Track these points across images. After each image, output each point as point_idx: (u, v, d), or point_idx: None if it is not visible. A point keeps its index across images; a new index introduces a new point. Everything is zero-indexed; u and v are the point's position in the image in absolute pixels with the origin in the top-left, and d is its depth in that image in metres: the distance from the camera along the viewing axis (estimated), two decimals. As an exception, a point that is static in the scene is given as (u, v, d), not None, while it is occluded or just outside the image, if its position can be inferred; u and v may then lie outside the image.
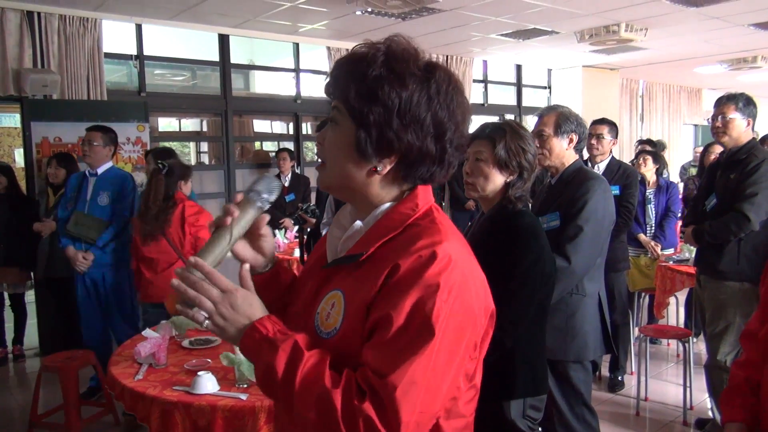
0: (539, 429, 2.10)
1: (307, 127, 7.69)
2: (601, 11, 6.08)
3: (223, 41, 6.69)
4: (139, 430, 3.57)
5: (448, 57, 8.22)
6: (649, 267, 4.71)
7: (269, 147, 8.38)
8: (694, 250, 3.68)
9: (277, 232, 5.57)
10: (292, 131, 7.67)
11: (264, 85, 8.07)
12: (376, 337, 0.96)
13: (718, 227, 3.11)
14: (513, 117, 9.35)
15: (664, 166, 5.63)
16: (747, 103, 3.13)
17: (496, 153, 2.02)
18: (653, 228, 4.81)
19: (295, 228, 5.58)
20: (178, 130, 8.74)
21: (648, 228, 4.81)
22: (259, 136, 8.75)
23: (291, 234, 5.79)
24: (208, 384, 2.19)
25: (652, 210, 4.82)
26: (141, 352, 2.47)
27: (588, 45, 7.31)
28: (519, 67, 9.52)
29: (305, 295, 1.13)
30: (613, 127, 4.05)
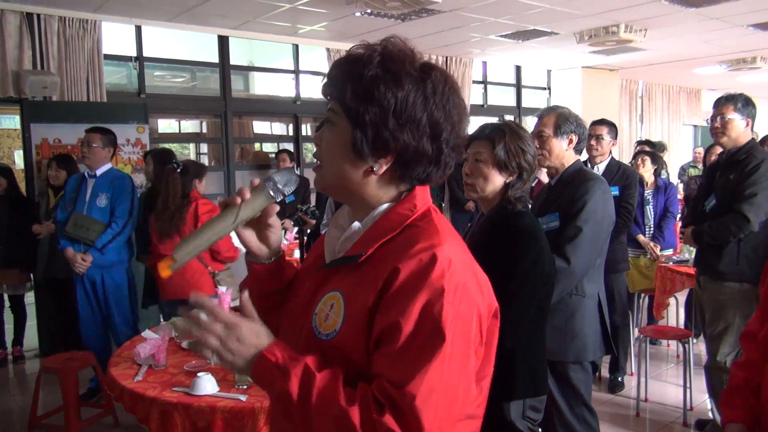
0: (539, 430, 2.10)
1: (306, 129, 7.69)
2: (600, 12, 6.08)
3: (223, 42, 6.70)
4: None
5: (447, 58, 8.21)
6: (648, 268, 4.70)
7: (269, 148, 8.37)
8: (694, 251, 3.68)
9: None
10: (291, 132, 7.67)
11: (263, 86, 8.07)
12: (387, 347, 0.95)
13: (718, 228, 3.10)
14: (512, 118, 9.35)
15: (662, 167, 5.62)
16: (746, 104, 3.12)
17: (495, 154, 2.02)
18: (652, 229, 4.80)
19: (295, 229, 5.58)
20: (178, 131, 8.72)
21: (647, 229, 4.80)
22: (258, 138, 8.75)
23: (291, 235, 5.79)
24: (207, 385, 2.19)
25: (650, 211, 4.81)
26: (140, 353, 2.47)
27: (587, 46, 7.31)
28: (518, 68, 9.53)
29: (302, 295, 1.13)
30: (612, 127, 4.04)
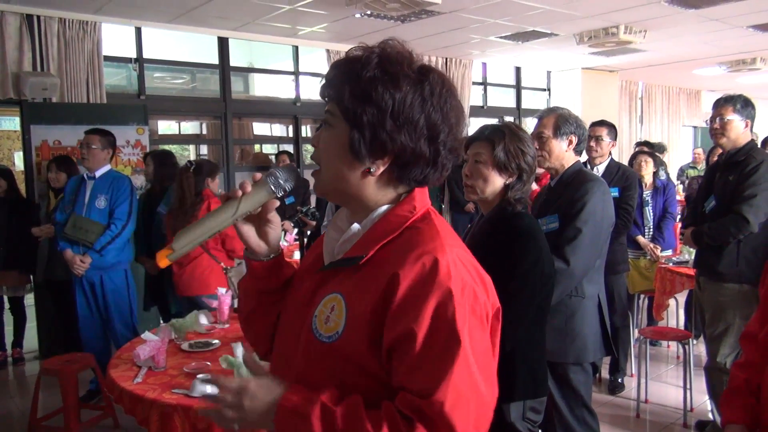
0: (539, 431, 2.10)
1: (306, 130, 7.69)
2: (600, 13, 6.08)
3: (223, 44, 6.70)
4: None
5: (447, 59, 8.21)
6: (648, 269, 4.70)
7: (269, 150, 8.38)
8: (694, 252, 3.67)
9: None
10: (291, 134, 7.67)
11: (263, 87, 8.07)
12: (404, 356, 0.94)
13: (717, 229, 3.10)
14: (512, 119, 9.36)
15: (660, 168, 5.60)
16: (745, 105, 3.12)
17: (495, 155, 2.02)
18: (651, 230, 4.79)
19: (295, 230, 5.58)
20: (178, 132, 8.72)
21: (646, 230, 4.78)
22: (258, 139, 8.76)
23: (291, 237, 5.79)
24: (207, 387, 2.19)
25: (650, 212, 4.80)
26: (140, 355, 2.47)
27: (587, 47, 7.31)
28: (518, 70, 9.53)
29: (300, 297, 1.12)
30: (612, 129, 4.04)
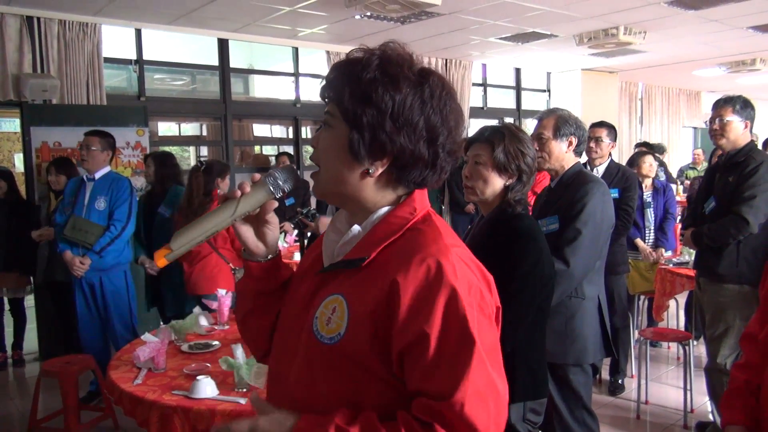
0: (539, 432, 2.10)
1: (306, 131, 7.70)
2: (599, 14, 6.09)
3: (223, 45, 6.70)
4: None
5: (447, 61, 8.21)
6: (648, 270, 4.70)
7: (269, 151, 8.39)
8: (694, 253, 3.67)
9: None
10: (291, 135, 7.67)
11: (263, 89, 8.08)
12: (419, 360, 0.94)
13: (717, 230, 3.10)
14: (512, 120, 9.36)
15: (659, 168, 5.60)
16: (744, 106, 3.12)
17: (495, 156, 2.02)
18: (652, 231, 4.79)
19: (295, 232, 5.58)
20: (178, 134, 8.73)
21: (647, 231, 4.76)
22: (258, 140, 8.77)
23: (291, 238, 5.79)
24: (207, 388, 2.19)
25: (651, 213, 4.79)
26: (140, 357, 2.47)
27: (587, 48, 7.31)
28: (518, 71, 9.54)
29: (299, 298, 1.12)
30: (611, 130, 4.04)
